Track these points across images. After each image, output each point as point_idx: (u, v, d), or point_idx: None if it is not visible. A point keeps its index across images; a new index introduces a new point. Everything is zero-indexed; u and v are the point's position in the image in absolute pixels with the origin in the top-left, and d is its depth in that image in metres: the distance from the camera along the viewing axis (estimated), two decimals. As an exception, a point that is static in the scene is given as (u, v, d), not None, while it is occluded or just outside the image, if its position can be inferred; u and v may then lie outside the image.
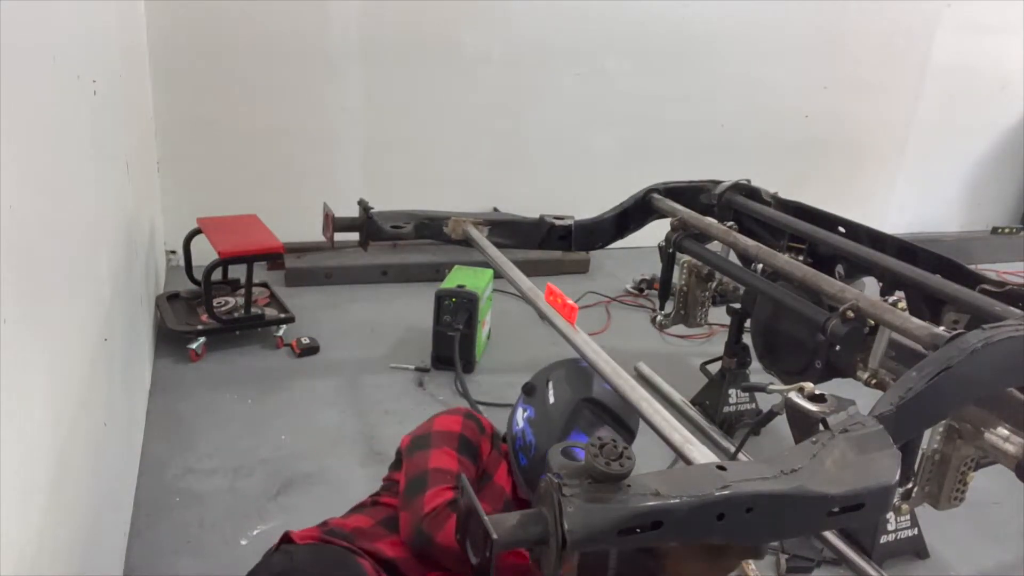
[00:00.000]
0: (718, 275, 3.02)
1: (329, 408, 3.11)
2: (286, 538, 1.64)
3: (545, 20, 4.78)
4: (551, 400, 1.77)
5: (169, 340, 3.45)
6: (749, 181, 3.09)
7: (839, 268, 2.59)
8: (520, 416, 1.79)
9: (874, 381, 2.08)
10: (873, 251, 2.46)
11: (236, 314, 3.56)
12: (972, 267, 2.32)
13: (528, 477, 1.74)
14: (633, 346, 3.82)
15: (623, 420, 1.78)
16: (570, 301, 2.00)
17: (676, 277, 3.07)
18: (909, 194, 6.20)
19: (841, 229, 2.70)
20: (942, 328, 1.84)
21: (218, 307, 3.56)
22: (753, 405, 3.13)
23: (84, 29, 2.17)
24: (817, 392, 1.38)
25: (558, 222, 3.04)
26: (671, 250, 2.88)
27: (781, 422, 1.49)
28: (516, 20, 4.73)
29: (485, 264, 3.14)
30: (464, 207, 3.11)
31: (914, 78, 5.80)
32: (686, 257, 2.98)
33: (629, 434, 1.79)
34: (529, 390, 1.83)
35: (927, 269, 2.29)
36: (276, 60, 4.35)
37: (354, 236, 2.86)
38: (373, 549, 1.60)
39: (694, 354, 3.72)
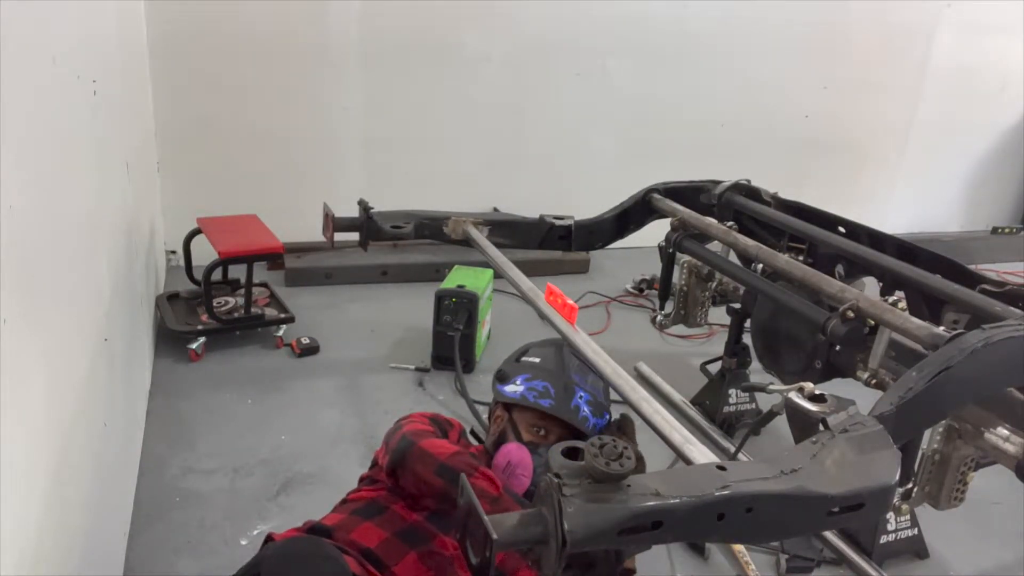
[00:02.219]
0: (718, 275, 3.02)
1: (329, 408, 3.11)
2: (269, 540, 1.64)
3: (545, 20, 4.78)
4: (537, 360, 1.93)
5: (169, 340, 3.45)
6: (749, 181, 3.08)
7: (839, 268, 2.59)
8: (512, 389, 1.90)
9: (874, 381, 2.08)
10: (873, 251, 2.46)
11: (236, 314, 3.56)
12: (972, 267, 2.32)
13: (561, 409, 1.85)
14: (633, 346, 3.82)
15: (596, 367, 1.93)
16: (570, 301, 2.00)
17: (676, 277, 3.07)
18: (909, 194, 6.20)
19: (841, 229, 2.70)
20: (942, 328, 1.83)
21: (218, 307, 3.56)
22: (753, 405, 3.13)
23: (84, 29, 2.17)
24: (817, 392, 1.38)
25: (558, 222, 3.04)
26: (671, 250, 2.88)
27: (781, 422, 1.49)
28: (516, 20, 4.73)
29: (485, 264, 3.14)
30: (464, 207, 3.11)
31: (914, 78, 5.80)
32: (686, 257, 2.98)
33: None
34: (503, 376, 1.95)
35: (927, 269, 2.29)
36: (276, 60, 4.35)
37: (354, 236, 2.86)
38: (350, 540, 1.59)
39: (694, 354, 3.72)
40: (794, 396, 1.39)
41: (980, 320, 1.91)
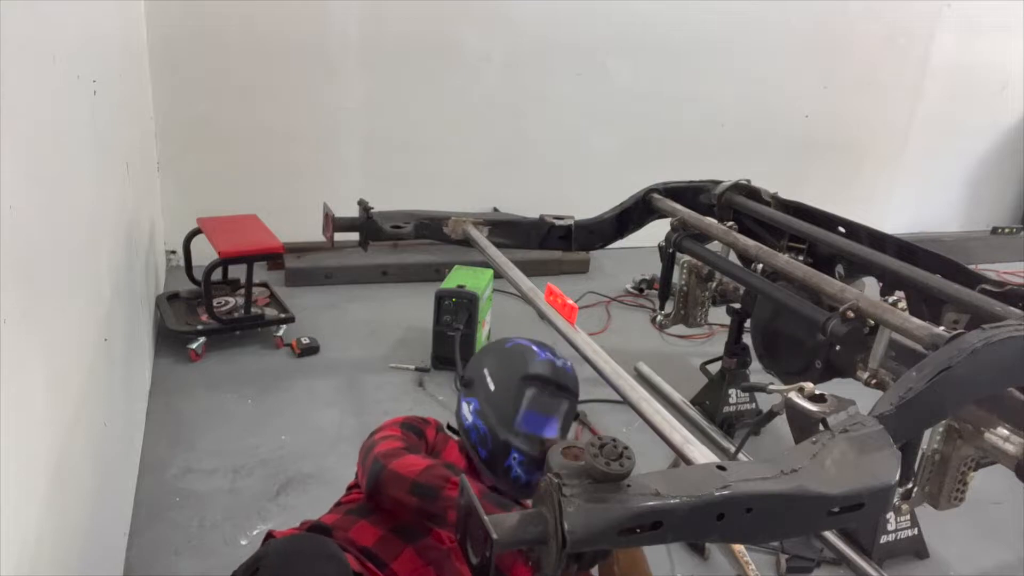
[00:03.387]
0: (718, 275, 3.02)
1: (329, 408, 3.11)
2: (270, 537, 1.64)
3: (546, 20, 4.78)
4: (492, 388, 1.78)
5: (169, 340, 3.45)
6: (749, 181, 3.08)
7: (839, 268, 2.59)
8: (467, 411, 1.80)
9: (874, 381, 2.08)
10: (873, 251, 2.46)
11: (236, 314, 3.56)
12: (972, 267, 2.32)
13: (492, 467, 1.75)
14: (633, 346, 3.82)
15: (565, 385, 1.80)
16: (570, 301, 2.00)
17: (676, 277, 3.07)
18: (909, 194, 6.20)
19: (841, 229, 2.70)
20: (942, 328, 1.83)
21: (218, 307, 3.56)
22: (753, 405, 3.13)
23: (84, 29, 2.17)
24: (817, 392, 1.38)
25: (558, 222, 3.04)
26: (671, 250, 2.88)
27: (781, 422, 1.49)
28: (517, 20, 4.74)
29: (485, 264, 3.14)
30: (464, 207, 3.11)
31: (914, 78, 5.80)
32: (686, 257, 2.98)
33: (573, 396, 1.81)
34: (467, 383, 1.84)
35: (927, 269, 2.29)
36: (276, 60, 4.35)
37: (354, 236, 2.86)
38: (348, 538, 1.60)
39: (694, 354, 3.72)
40: (794, 396, 1.39)
41: (980, 320, 1.90)
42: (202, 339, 3.42)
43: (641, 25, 4.96)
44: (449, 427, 1.98)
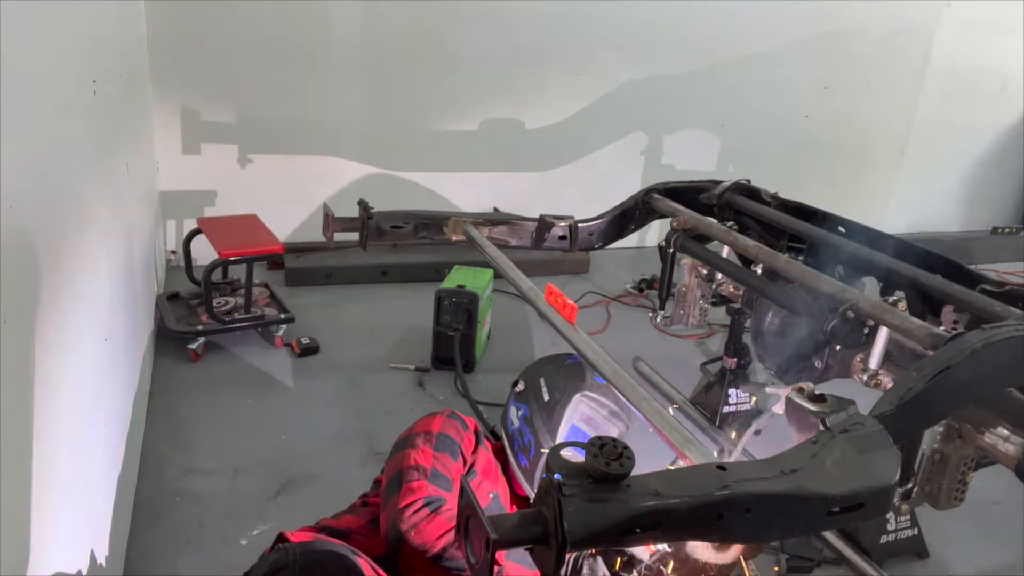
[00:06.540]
0: (718, 275, 3.02)
1: (329, 408, 3.11)
2: (280, 539, 1.64)
3: (545, 20, 4.78)
4: (545, 398, 1.77)
5: (169, 340, 3.45)
6: (749, 181, 3.08)
7: (839, 268, 2.59)
8: (515, 415, 1.79)
9: (874, 381, 2.08)
10: (873, 251, 2.45)
11: (236, 314, 3.56)
12: (972, 267, 2.32)
13: (529, 476, 1.74)
14: (633, 346, 3.82)
15: (617, 412, 1.78)
16: (570, 301, 2.00)
17: (676, 277, 3.07)
18: (909, 194, 6.20)
19: (841, 229, 2.69)
20: (942, 328, 1.83)
21: (218, 307, 3.56)
22: (753, 405, 3.13)
23: (84, 29, 2.17)
24: (817, 392, 1.38)
25: (558, 222, 3.03)
26: (671, 250, 2.87)
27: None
28: (517, 20, 4.74)
29: (485, 264, 3.14)
30: (464, 207, 3.11)
31: (914, 78, 5.80)
32: (686, 257, 2.98)
33: (624, 425, 1.80)
34: (520, 388, 1.83)
35: (927, 269, 2.28)
36: (276, 60, 4.35)
37: (354, 236, 2.85)
38: (367, 547, 1.60)
39: (694, 354, 3.72)
40: (794, 396, 1.38)
41: (980, 320, 1.90)
42: (202, 339, 3.42)
43: (642, 25, 4.96)
44: (493, 432, 1.97)
